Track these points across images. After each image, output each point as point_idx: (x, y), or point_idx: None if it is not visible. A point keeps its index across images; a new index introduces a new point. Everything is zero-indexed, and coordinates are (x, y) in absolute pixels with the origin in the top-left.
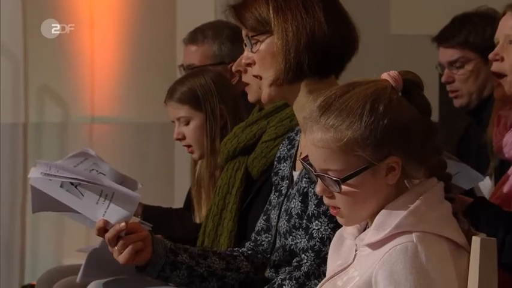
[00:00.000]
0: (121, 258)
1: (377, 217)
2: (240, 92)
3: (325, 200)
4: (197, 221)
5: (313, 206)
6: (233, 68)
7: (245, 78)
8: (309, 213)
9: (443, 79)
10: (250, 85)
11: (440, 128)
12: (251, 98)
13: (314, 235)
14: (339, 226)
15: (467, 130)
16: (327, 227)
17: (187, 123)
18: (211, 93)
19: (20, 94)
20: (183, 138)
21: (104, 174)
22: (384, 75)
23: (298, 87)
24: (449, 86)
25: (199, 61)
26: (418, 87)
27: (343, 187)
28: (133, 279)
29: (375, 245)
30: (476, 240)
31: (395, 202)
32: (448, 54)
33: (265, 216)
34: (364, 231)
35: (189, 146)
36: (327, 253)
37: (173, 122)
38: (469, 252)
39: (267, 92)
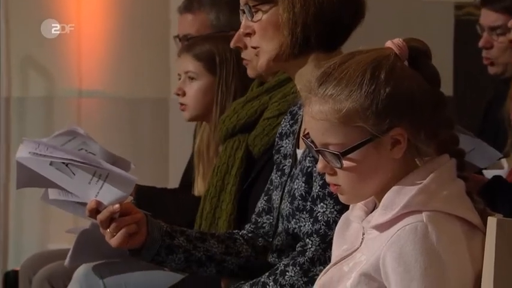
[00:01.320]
0: (113, 241)
1: (385, 197)
2: None
3: (327, 178)
4: (195, 193)
5: (318, 187)
6: (231, 44)
7: (245, 54)
8: (313, 195)
9: (480, 43)
10: (250, 61)
11: (455, 103)
12: (251, 73)
13: (319, 218)
14: (346, 208)
15: (497, 99)
16: (332, 210)
17: (193, 81)
18: (229, 62)
19: (2, 66)
20: (183, 94)
21: (94, 154)
22: (388, 43)
23: (302, 61)
24: (485, 51)
25: (196, 31)
26: (425, 55)
27: (345, 162)
28: (126, 263)
29: (383, 227)
30: (492, 221)
31: (404, 180)
32: (491, 18)
33: (266, 197)
34: (371, 213)
35: (183, 104)
36: (333, 237)
37: (179, 75)
38: (484, 233)
39: (265, 63)
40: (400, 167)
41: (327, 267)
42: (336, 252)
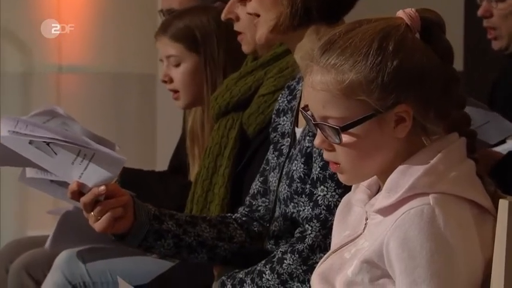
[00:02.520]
0: (98, 225)
1: (389, 178)
2: None
3: (325, 155)
4: (192, 179)
5: (318, 169)
6: (222, 16)
7: (238, 26)
8: (313, 177)
9: (479, 12)
10: (244, 34)
11: (464, 79)
12: (246, 49)
13: (319, 202)
14: (348, 192)
15: (503, 76)
16: (334, 193)
17: (177, 65)
18: (211, 36)
19: None
20: (170, 81)
21: None
22: (399, 13)
23: (302, 33)
24: (486, 21)
25: (179, 4)
26: (438, 28)
27: (344, 137)
28: (112, 249)
29: (387, 210)
30: (503, 203)
31: (410, 160)
32: None
33: (261, 178)
34: (375, 196)
35: (175, 91)
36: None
37: (161, 60)
38: (495, 217)
39: (264, 34)
40: (405, 146)
41: (326, 255)
42: (336, 238)
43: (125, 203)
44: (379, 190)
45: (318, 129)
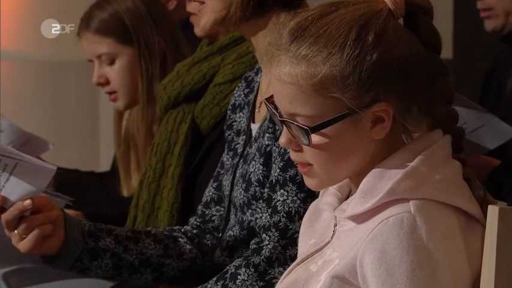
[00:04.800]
0: (23, 245)
1: (364, 181)
2: (178, 22)
3: (292, 155)
4: (124, 193)
5: (278, 171)
6: None
7: (190, 7)
8: (272, 180)
9: None
10: (197, 16)
11: (453, 68)
12: (199, 31)
13: (278, 208)
14: (311, 196)
15: (497, 64)
16: (295, 198)
17: (111, 62)
18: (143, 21)
19: None
20: (106, 82)
21: (1, 131)
22: None
23: (257, 22)
24: (480, 2)
25: None
26: (425, 13)
27: (314, 138)
28: (41, 269)
29: (361, 217)
30: (493, 210)
31: (388, 161)
32: None
33: (215, 183)
34: (346, 200)
35: (112, 93)
36: (296, 232)
37: (91, 61)
38: (485, 226)
39: (209, 24)
40: (383, 147)
41: (290, 267)
42: (302, 248)
43: (55, 218)
44: (350, 193)
45: (284, 127)
